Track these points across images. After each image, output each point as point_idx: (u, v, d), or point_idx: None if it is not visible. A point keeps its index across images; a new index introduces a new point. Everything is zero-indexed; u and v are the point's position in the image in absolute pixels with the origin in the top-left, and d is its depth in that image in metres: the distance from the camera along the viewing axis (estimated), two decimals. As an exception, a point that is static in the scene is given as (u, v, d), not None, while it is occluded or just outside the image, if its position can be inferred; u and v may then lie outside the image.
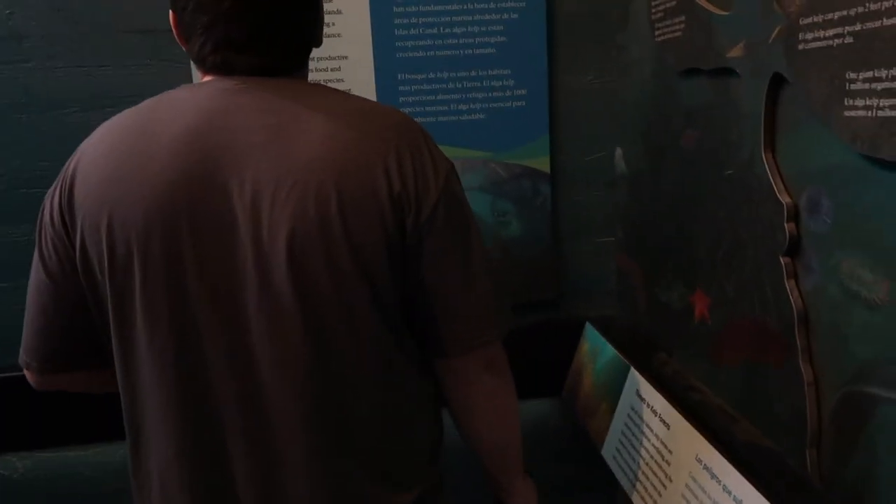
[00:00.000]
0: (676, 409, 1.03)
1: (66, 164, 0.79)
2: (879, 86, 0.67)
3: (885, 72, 0.66)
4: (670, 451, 1.01)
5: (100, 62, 1.32)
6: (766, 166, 0.87)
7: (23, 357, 0.85)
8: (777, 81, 0.85)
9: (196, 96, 0.77)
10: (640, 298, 1.35)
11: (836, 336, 0.80)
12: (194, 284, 0.74)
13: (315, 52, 1.32)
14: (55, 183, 0.79)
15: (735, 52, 0.92)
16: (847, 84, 0.71)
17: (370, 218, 0.73)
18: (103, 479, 1.47)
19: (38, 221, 0.80)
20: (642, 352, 1.29)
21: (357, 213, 0.73)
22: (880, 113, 0.67)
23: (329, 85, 1.36)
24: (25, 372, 0.86)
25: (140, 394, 0.79)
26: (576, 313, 1.50)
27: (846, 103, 0.72)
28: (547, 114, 1.41)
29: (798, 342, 0.84)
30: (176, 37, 0.81)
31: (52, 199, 0.79)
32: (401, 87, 1.36)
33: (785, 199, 0.85)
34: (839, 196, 0.77)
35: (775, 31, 0.83)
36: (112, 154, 0.76)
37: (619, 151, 1.41)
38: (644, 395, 1.13)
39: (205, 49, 0.77)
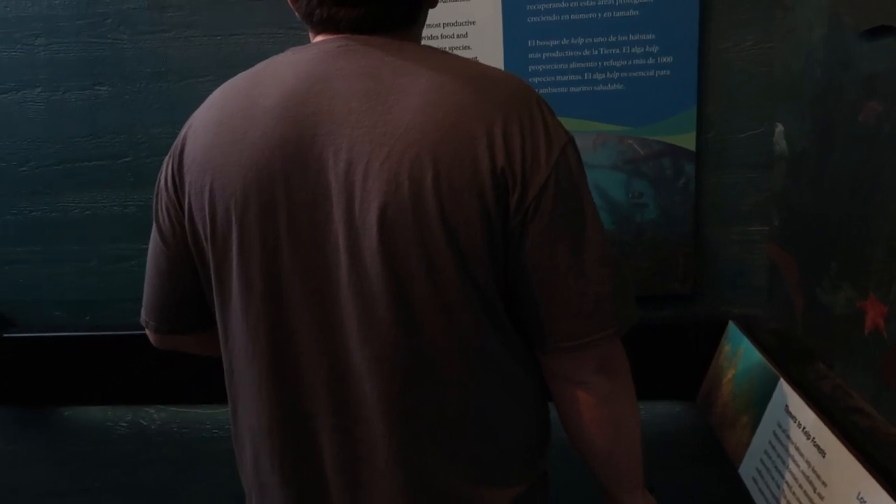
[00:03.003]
0: (835, 433, 0.87)
1: (182, 130, 0.79)
2: None
3: None
4: (825, 484, 0.86)
5: (232, 30, 1.33)
6: (977, 147, 0.69)
7: (143, 315, 0.87)
8: None
9: (299, 60, 0.73)
10: (796, 298, 1.17)
11: None
12: (288, 257, 0.71)
13: (440, 18, 1.28)
14: (171, 149, 0.79)
15: (942, 3, 0.73)
16: None
17: (468, 195, 0.66)
18: (228, 438, 1.53)
19: (156, 186, 0.81)
20: (795, 360, 1.12)
21: (453, 189, 0.66)
22: None
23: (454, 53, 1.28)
24: (146, 330, 0.88)
25: (237, 363, 0.78)
26: (717, 310, 1.33)
27: None
28: (695, 84, 1.24)
29: None
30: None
31: (166, 166, 0.79)
32: (531, 55, 1.26)
33: None
34: None
35: None
36: (217, 120, 0.74)
37: (779, 128, 1.23)
38: (795, 413, 0.97)
39: (311, 3, 0.72)
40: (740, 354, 1.20)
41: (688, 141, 1.27)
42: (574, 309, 0.71)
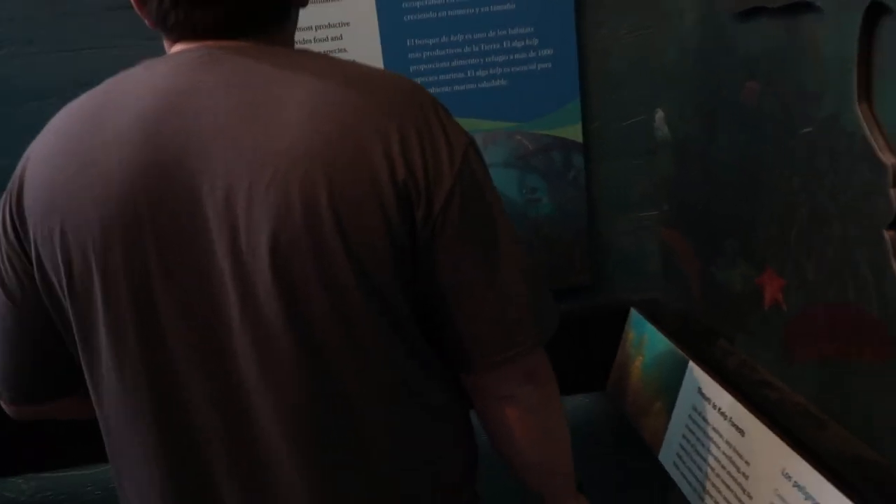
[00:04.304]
0: (752, 411, 0.88)
1: (18, 165, 0.67)
2: None
3: None
4: (748, 463, 0.86)
5: (80, 44, 1.18)
6: (861, 120, 0.71)
7: None
8: (874, 14, 0.68)
9: (154, 74, 0.63)
10: (692, 279, 1.19)
11: (963, 327, 0.64)
12: (164, 303, 0.61)
13: (312, 20, 1.19)
14: (7, 189, 0.67)
15: (814, -19, 0.75)
16: None
17: (369, 213, 0.59)
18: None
19: None
20: (699, 340, 1.14)
21: (353, 208, 0.59)
22: None
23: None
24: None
25: (116, 427, 0.68)
26: (618, 298, 1.34)
27: (983, 32, 0.56)
28: (577, 76, 1.24)
29: (910, 334, 0.69)
30: (134, 5, 0.66)
31: (3, 209, 0.66)
32: (411, 55, 1.21)
33: (888, 158, 0.69)
34: (968, 152, 0.61)
35: (872, -50, 0.66)
36: (61, 149, 0.63)
37: (659, 114, 1.25)
38: (709, 394, 0.98)
39: (163, 5, 0.62)
40: (646, 341, 1.21)
41: (575, 132, 1.27)
42: (496, 322, 0.66)
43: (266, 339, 0.61)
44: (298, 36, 0.77)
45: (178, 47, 0.66)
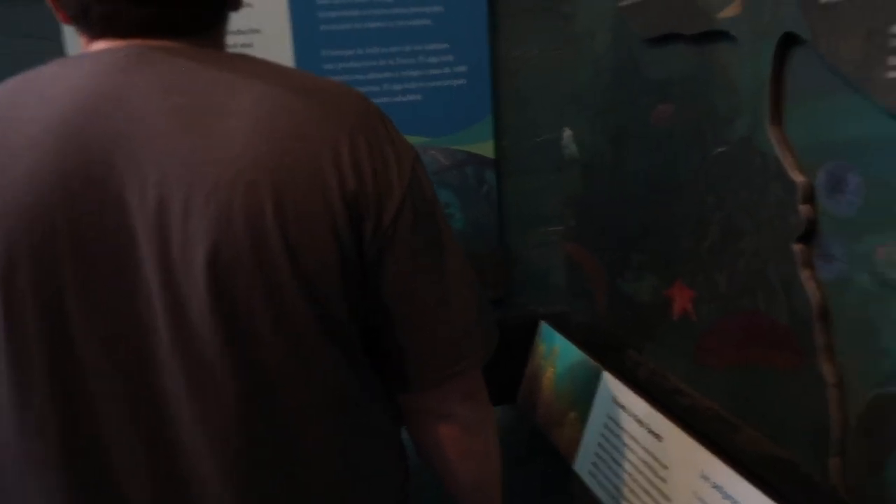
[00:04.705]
0: (670, 417, 0.92)
1: None
2: (939, 40, 0.57)
3: (948, 23, 0.57)
4: (665, 467, 0.90)
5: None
6: (773, 142, 0.77)
7: None
8: (786, 42, 0.74)
9: (73, 74, 0.57)
10: (598, 292, 1.24)
11: (865, 332, 0.70)
12: (81, 330, 0.55)
13: (221, 24, 1.14)
14: None
15: (730, 10, 0.81)
16: (892, 39, 0.61)
17: (319, 226, 0.57)
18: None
19: None
20: (609, 351, 1.18)
21: (301, 222, 0.56)
22: (940, 72, 0.58)
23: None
24: None
25: (13, 474, 0.59)
26: (528, 312, 1.37)
27: (890, 63, 0.62)
28: (489, 93, 1.26)
29: (817, 340, 0.75)
30: None
31: None
32: (325, 66, 1.18)
33: (798, 177, 0.75)
34: (871, 172, 0.67)
35: (785, -14, 0.72)
36: None
37: (567, 133, 1.29)
38: (623, 402, 1.01)
39: None
40: (557, 353, 1.24)
41: (487, 149, 1.29)
42: (445, 337, 0.65)
43: (201, 364, 0.56)
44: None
45: (100, 45, 0.60)
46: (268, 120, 0.56)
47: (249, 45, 1.14)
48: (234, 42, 1.13)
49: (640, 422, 0.97)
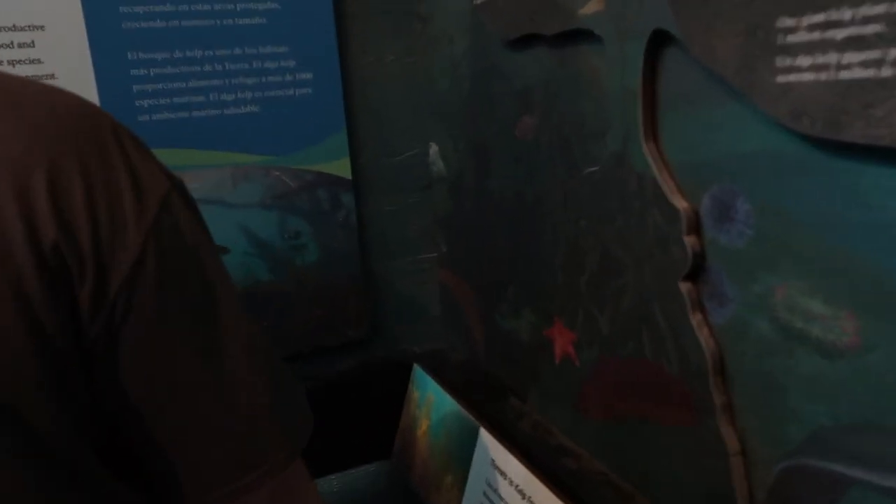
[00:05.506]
0: (550, 487, 0.77)
1: None
2: (840, 33, 0.45)
3: (850, 11, 0.44)
4: (548, 548, 0.75)
5: None
6: (650, 160, 0.64)
7: None
8: (657, 42, 0.61)
9: None
10: (474, 328, 1.09)
11: (769, 389, 0.58)
12: None
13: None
14: None
15: (592, 6, 0.67)
16: (780, 35, 0.49)
17: None
18: None
19: None
20: (489, 399, 1.03)
21: None
22: (843, 75, 0.45)
23: (17, 72, 0.93)
24: None
25: None
26: (399, 351, 1.20)
27: (778, 64, 0.49)
28: (342, 104, 1.09)
29: (715, 398, 0.62)
30: None
31: None
32: (134, 71, 0.97)
33: (680, 203, 0.62)
34: (763, 197, 0.55)
35: (653, -29, 0.59)
36: None
37: (434, 148, 1.14)
38: (503, 466, 0.86)
39: None
40: (431, 402, 1.08)
41: (342, 168, 1.11)
42: (222, 442, 0.47)
43: None
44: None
45: None
46: None
47: (29, 45, 0.92)
48: (9, 40, 0.90)
49: (521, 492, 0.82)
